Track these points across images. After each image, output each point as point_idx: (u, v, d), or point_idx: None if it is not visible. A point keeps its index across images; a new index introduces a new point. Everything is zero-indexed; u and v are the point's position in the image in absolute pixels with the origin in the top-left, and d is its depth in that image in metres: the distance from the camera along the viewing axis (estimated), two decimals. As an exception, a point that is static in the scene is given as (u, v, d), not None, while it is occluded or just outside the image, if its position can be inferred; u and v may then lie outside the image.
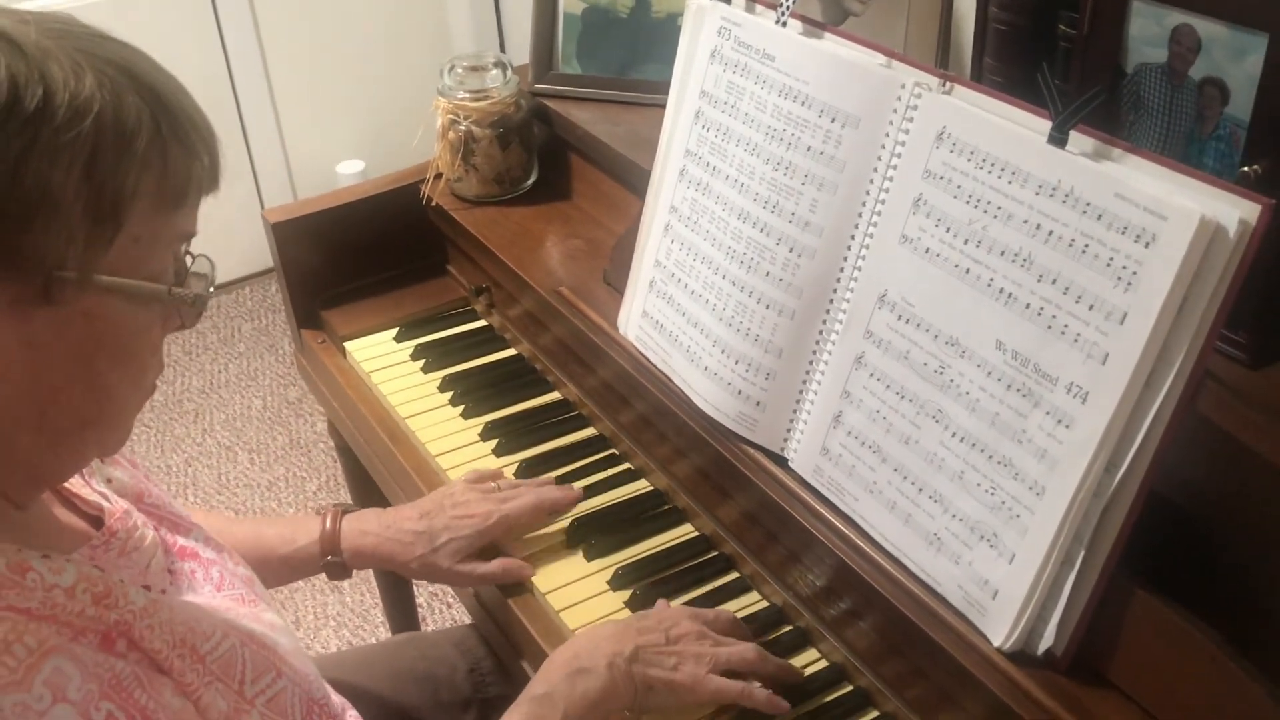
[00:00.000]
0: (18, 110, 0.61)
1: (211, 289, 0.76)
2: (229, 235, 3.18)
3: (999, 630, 0.89)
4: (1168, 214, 0.77)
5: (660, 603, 1.08)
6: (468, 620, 1.33)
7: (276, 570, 1.16)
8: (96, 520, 0.79)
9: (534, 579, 1.14)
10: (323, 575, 1.18)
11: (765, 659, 1.00)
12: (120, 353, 0.69)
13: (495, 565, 1.14)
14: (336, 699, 1.04)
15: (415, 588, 2.02)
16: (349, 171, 3.19)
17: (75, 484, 0.81)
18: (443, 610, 2.24)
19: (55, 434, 0.69)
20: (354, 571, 1.18)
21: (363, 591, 2.26)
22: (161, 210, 0.68)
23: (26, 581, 0.67)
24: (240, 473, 2.60)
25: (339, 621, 2.22)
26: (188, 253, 0.74)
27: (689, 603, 1.10)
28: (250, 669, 0.79)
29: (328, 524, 1.16)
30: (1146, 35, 1.00)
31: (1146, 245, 0.79)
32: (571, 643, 0.99)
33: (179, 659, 0.74)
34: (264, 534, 1.16)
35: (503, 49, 3.11)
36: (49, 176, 0.62)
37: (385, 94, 3.18)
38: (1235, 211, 0.75)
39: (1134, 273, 0.80)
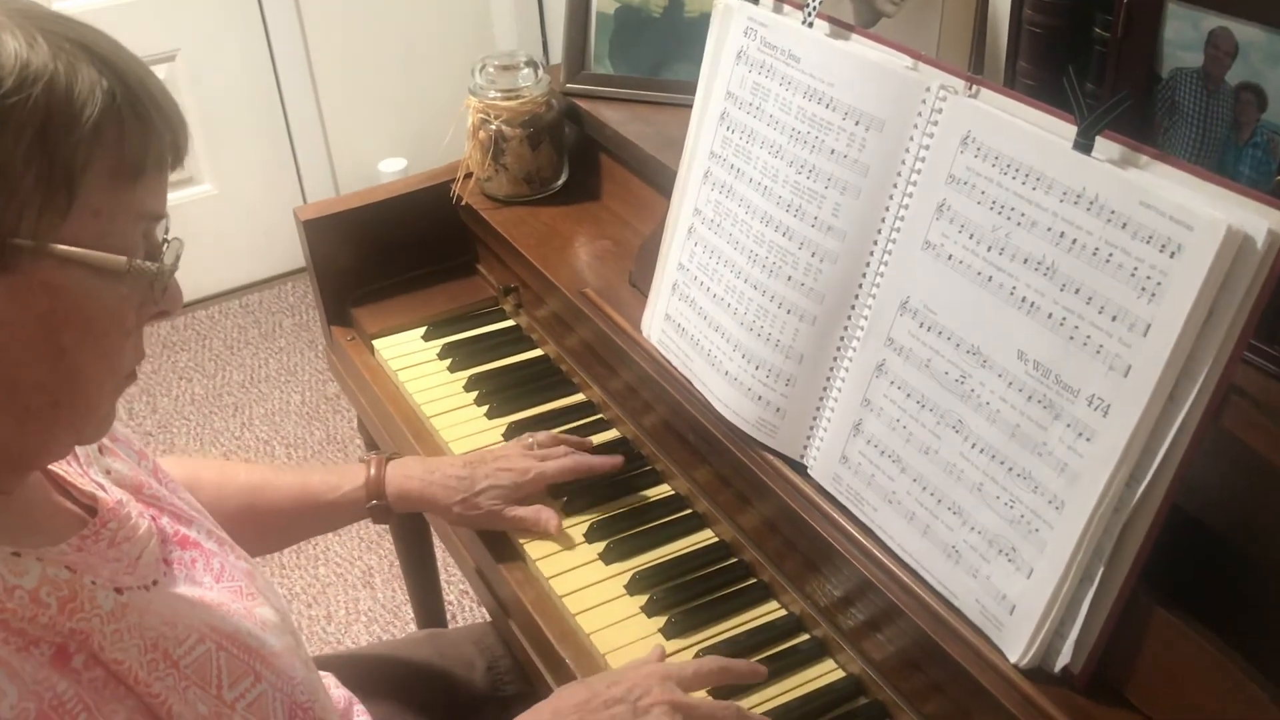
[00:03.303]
0: None
1: (176, 260, 0.74)
2: (271, 231, 3.22)
3: (1016, 646, 0.87)
4: (1194, 223, 0.75)
5: (644, 659, 1.03)
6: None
7: (323, 516, 1.19)
8: (91, 510, 0.79)
9: (550, 581, 1.13)
10: (355, 570, 1.19)
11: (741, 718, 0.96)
12: (86, 330, 0.69)
13: (529, 510, 1.18)
14: (342, 694, 1.04)
15: (444, 585, 2.03)
16: (391, 170, 3.20)
17: (71, 473, 0.81)
18: (472, 608, 2.24)
19: (23, 412, 0.69)
20: (397, 515, 1.21)
21: (394, 588, 2.27)
22: (120, 183, 0.68)
23: None
24: (277, 467, 2.63)
25: (370, 617, 2.23)
26: (165, 239, 0.73)
27: (706, 608, 1.09)
28: (227, 673, 0.79)
29: (372, 470, 1.19)
30: (1182, 39, 0.97)
31: (1171, 255, 0.77)
32: (529, 712, 0.96)
33: (145, 668, 0.73)
34: (309, 481, 1.19)
35: (545, 48, 3.11)
36: None
37: (428, 93, 3.20)
38: (1264, 222, 0.73)
39: (1158, 283, 0.77)
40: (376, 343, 1.51)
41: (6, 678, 0.65)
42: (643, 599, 1.11)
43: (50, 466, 0.80)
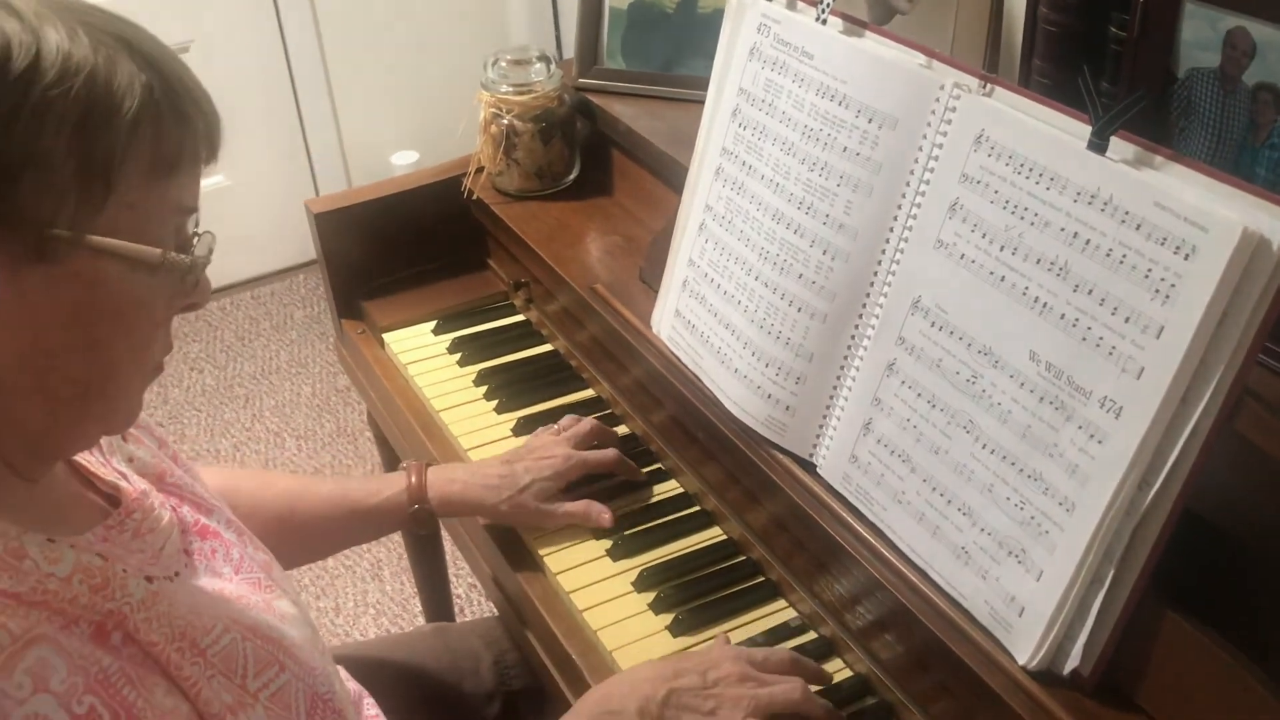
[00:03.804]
0: (8, 68, 0.62)
1: (209, 253, 0.75)
2: (283, 224, 3.22)
3: (1024, 648, 0.87)
4: (1209, 225, 0.75)
5: (714, 642, 1.04)
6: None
7: (363, 522, 1.20)
8: (114, 500, 0.79)
9: (558, 578, 1.13)
10: (364, 563, 1.19)
11: (810, 699, 0.95)
12: (118, 320, 0.69)
13: (579, 505, 1.18)
14: (351, 687, 1.04)
15: (453, 578, 2.03)
16: (403, 163, 3.20)
17: (93, 463, 0.81)
18: (480, 602, 2.24)
19: (53, 400, 0.69)
20: (439, 522, 1.22)
21: (403, 581, 2.27)
22: (156, 177, 0.69)
23: (23, 566, 0.67)
24: (287, 459, 2.63)
25: (378, 610, 2.24)
26: (196, 233, 0.74)
27: (713, 606, 1.09)
28: (252, 663, 0.79)
29: (413, 477, 1.19)
30: (1199, 39, 0.97)
31: (1186, 257, 0.76)
32: (606, 683, 0.96)
33: (176, 652, 0.74)
34: (349, 488, 1.20)
35: (558, 42, 3.11)
36: (38, 134, 0.63)
37: (441, 86, 3.19)
38: (1280, 224, 0.73)
39: (1172, 285, 0.77)
40: (387, 336, 1.51)
41: (54, 653, 0.66)
42: (650, 596, 1.10)
43: (74, 456, 0.80)
